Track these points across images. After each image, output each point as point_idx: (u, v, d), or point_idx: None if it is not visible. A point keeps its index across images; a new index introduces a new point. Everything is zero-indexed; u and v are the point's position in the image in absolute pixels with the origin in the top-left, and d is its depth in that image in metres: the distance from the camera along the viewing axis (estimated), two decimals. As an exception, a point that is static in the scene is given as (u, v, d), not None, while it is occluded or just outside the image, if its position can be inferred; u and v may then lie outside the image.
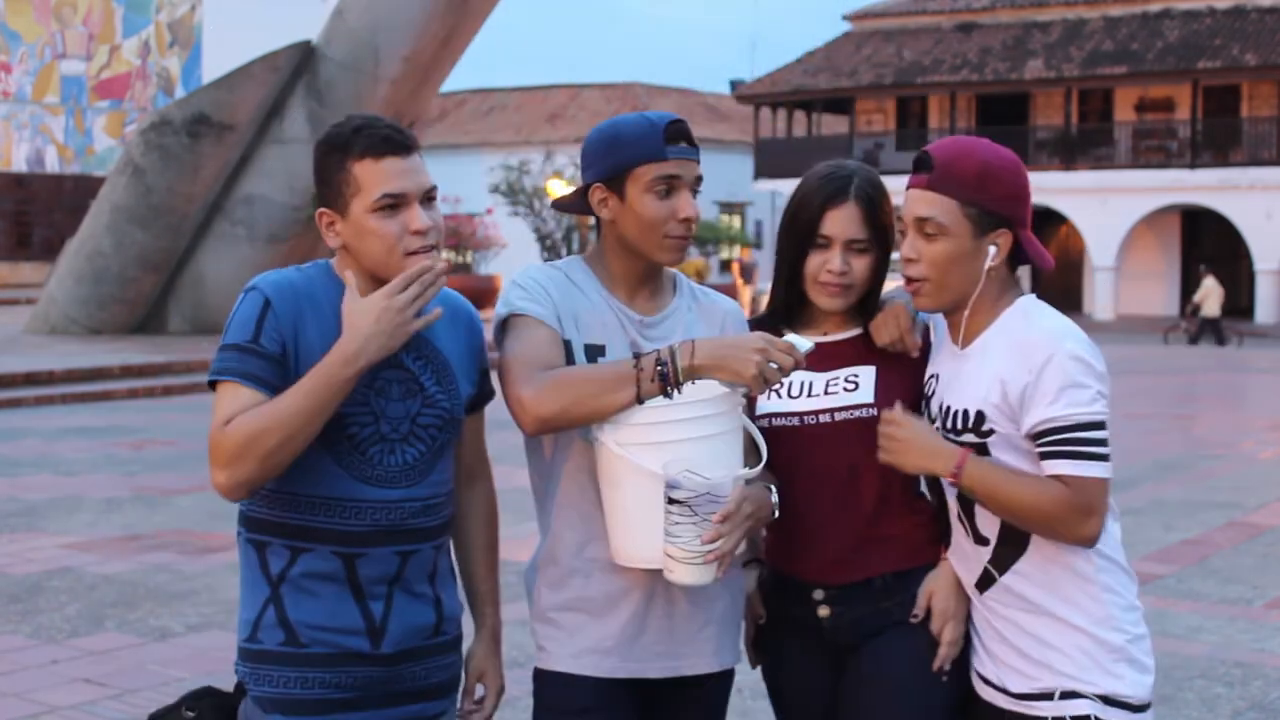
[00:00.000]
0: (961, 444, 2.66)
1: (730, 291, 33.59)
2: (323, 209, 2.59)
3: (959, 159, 2.68)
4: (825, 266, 2.82)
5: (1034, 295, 2.77)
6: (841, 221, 2.81)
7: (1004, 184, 2.67)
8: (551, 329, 2.70)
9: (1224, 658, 6.27)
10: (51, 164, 39.38)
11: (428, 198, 2.57)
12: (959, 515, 2.75)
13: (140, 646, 6.26)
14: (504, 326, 2.74)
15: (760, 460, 2.66)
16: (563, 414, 2.58)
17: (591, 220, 2.90)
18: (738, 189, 47.71)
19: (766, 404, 2.84)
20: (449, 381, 2.67)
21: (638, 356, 2.59)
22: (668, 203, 2.70)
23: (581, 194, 2.79)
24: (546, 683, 2.81)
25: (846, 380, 2.84)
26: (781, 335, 2.63)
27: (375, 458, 2.57)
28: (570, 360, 2.70)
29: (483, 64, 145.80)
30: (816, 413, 2.83)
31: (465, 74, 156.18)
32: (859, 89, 40.99)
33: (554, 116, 50.59)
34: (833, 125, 44.47)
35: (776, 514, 2.72)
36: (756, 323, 2.94)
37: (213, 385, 2.54)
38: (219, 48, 39.28)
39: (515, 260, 30.30)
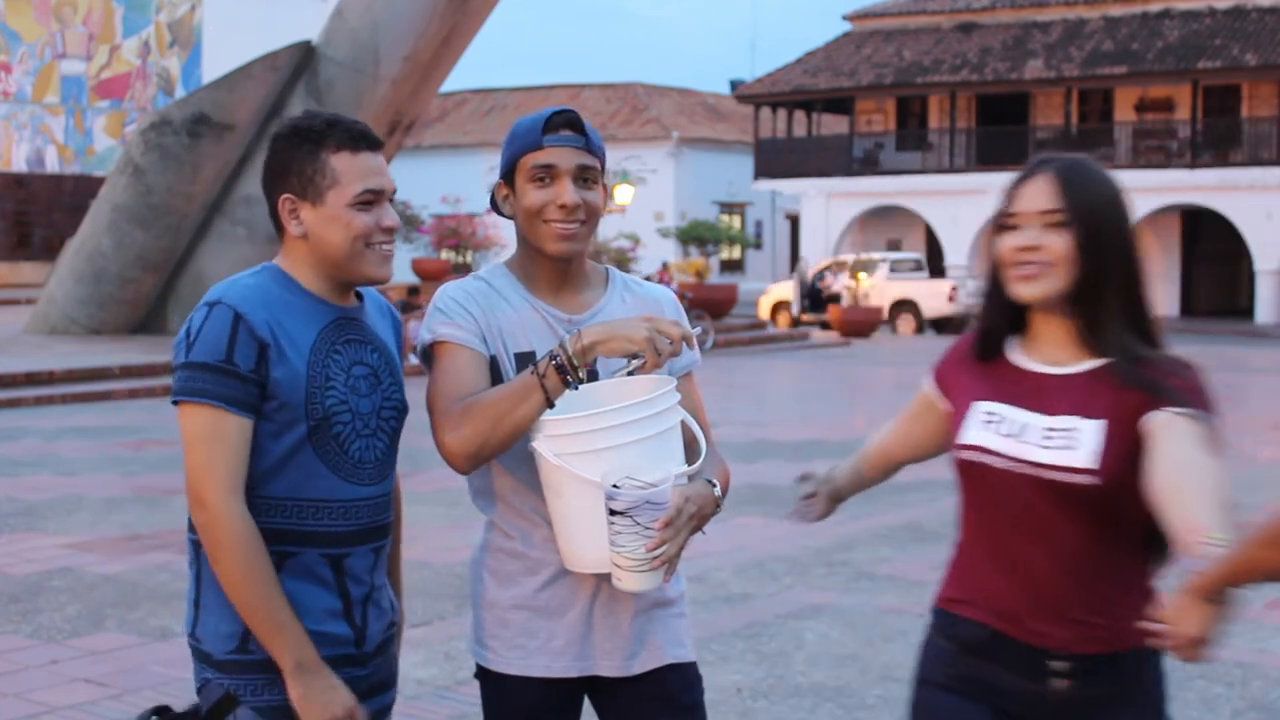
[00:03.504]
0: None
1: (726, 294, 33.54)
2: (287, 194, 2.59)
3: None
4: (1013, 245, 2.48)
5: None
6: (1030, 195, 2.48)
7: None
8: (474, 350, 2.68)
9: (1224, 658, 6.25)
10: (51, 164, 39.36)
11: (390, 198, 2.64)
12: None
13: (140, 646, 6.25)
14: (429, 355, 2.73)
15: (700, 453, 2.65)
16: (486, 444, 2.58)
17: None
18: (738, 189, 47.70)
19: (971, 434, 2.55)
20: (396, 374, 2.72)
21: (536, 363, 2.60)
22: (547, 190, 2.69)
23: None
24: (495, 683, 2.79)
25: (1066, 434, 2.45)
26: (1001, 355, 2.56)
27: (355, 455, 2.60)
28: (497, 376, 2.69)
29: (483, 64, 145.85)
30: (1027, 462, 2.46)
31: (465, 74, 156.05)
32: (859, 89, 40.96)
33: (554, 116, 50.55)
34: (833, 125, 44.44)
35: (721, 508, 2.69)
36: (963, 342, 2.68)
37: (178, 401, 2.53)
38: (219, 48, 39.26)
39: (515, 260, 30.08)
